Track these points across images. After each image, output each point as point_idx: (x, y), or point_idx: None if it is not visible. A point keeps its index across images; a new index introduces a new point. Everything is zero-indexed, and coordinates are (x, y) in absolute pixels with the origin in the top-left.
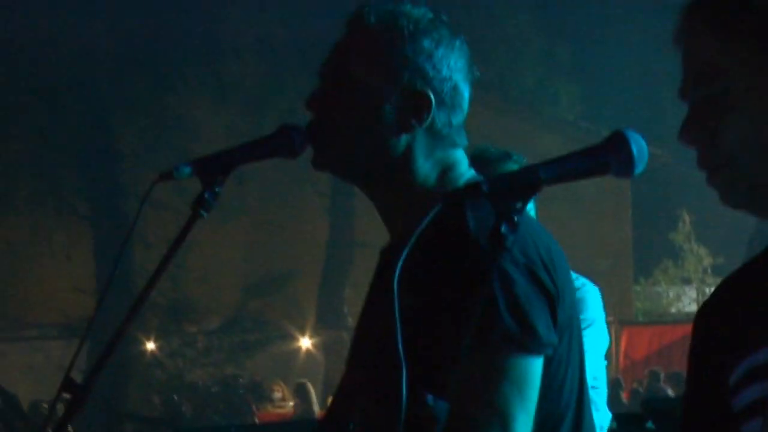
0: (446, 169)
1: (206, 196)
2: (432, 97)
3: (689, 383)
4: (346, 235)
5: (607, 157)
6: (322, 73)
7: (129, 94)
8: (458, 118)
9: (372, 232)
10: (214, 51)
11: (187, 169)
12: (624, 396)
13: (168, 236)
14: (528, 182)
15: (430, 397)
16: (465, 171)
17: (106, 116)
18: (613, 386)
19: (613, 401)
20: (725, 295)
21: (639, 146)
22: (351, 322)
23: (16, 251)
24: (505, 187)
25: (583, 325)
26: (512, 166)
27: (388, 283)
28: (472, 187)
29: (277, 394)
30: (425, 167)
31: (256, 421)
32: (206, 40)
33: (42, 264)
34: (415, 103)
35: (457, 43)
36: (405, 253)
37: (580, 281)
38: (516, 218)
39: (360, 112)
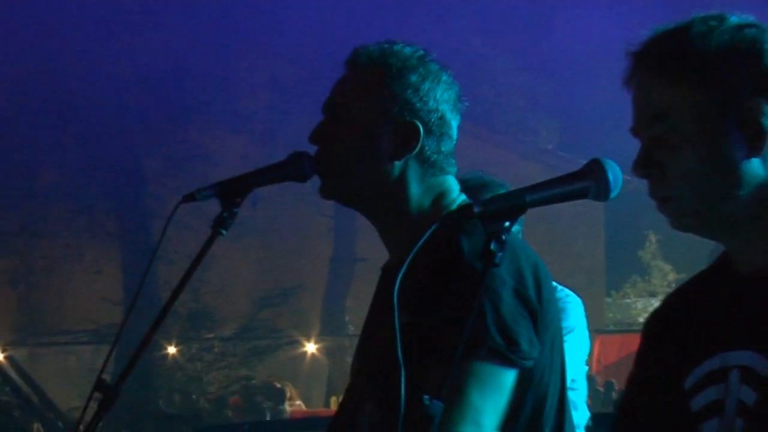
0: (439, 195)
1: (225, 215)
2: (420, 127)
3: (637, 383)
4: (348, 252)
5: (587, 182)
6: (324, 110)
7: (154, 126)
8: (447, 146)
9: (372, 249)
10: (230, 87)
11: (207, 192)
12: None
13: (188, 253)
14: (515, 204)
15: (426, 398)
16: (457, 197)
17: (133, 146)
18: (606, 389)
19: (605, 402)
20: (676, 305)
21: (615, 173)
22: (352, 329)
23: (52, 266)
24: (494, 209)
25: (563, 333)
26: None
27: (389, 298)
28: (464, 208)
29: (288, 394)
30: (418, 192)
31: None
32: (222, 77)
33: (75, 277)
34: (405, 133)
35: (444, 76)
36: (403, 269)
37: (564, 293)
38: (504, 237)
39: (357, 145)
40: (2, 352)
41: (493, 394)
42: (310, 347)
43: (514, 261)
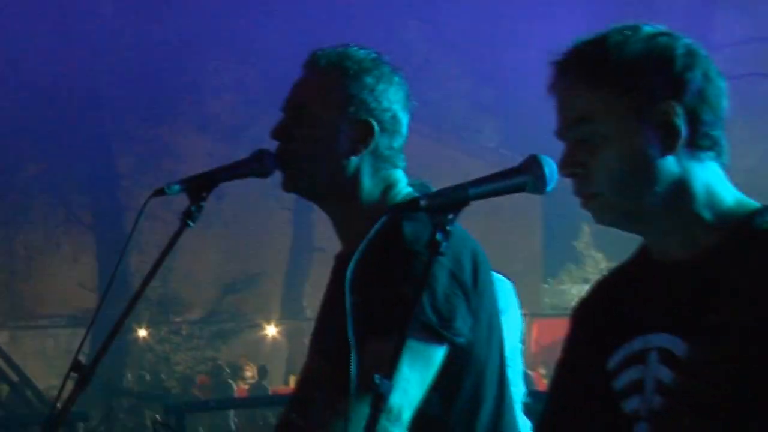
0: (388, 187)
1: (193, 209)
2: (375, 125)
3: (566, 366)
4: (306, 242)
5: (524, 177)
6: (285, 109)
7: (127, 125)
8: (398, 142)
9: (328, 239)
10: (198, 90)
11: (176, 187)
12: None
13: (158, 243)
14: (459, 198)
15: (377, 377)
16: (404, 188)
17: (108, 144)
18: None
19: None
20: (601, 293)
21: (550, 168)
22: (309, 313)
23: (32, 255)
24: (439, 202)
25: None
26: None
27: (342, 285)
28: (412, 201)
29: (248, 373)
30: (370, 185)
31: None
32: (191, 81)
33: (53, 265)
34: (362, 131)
35: (396, 78)
36: (356, 258)
37: (494, 277)
38: (449, 228)
39: (317, 142)
40: None
41: (423, 366)
42: (271, 330)
43: (454, 247)
